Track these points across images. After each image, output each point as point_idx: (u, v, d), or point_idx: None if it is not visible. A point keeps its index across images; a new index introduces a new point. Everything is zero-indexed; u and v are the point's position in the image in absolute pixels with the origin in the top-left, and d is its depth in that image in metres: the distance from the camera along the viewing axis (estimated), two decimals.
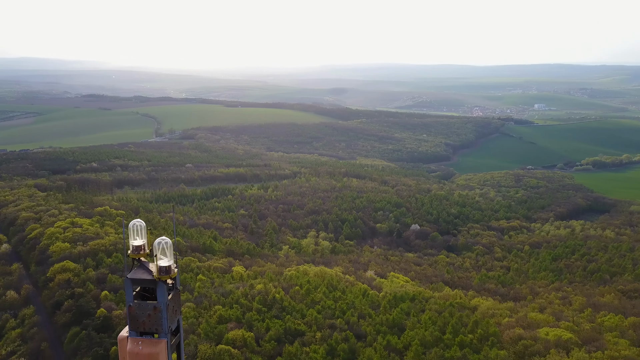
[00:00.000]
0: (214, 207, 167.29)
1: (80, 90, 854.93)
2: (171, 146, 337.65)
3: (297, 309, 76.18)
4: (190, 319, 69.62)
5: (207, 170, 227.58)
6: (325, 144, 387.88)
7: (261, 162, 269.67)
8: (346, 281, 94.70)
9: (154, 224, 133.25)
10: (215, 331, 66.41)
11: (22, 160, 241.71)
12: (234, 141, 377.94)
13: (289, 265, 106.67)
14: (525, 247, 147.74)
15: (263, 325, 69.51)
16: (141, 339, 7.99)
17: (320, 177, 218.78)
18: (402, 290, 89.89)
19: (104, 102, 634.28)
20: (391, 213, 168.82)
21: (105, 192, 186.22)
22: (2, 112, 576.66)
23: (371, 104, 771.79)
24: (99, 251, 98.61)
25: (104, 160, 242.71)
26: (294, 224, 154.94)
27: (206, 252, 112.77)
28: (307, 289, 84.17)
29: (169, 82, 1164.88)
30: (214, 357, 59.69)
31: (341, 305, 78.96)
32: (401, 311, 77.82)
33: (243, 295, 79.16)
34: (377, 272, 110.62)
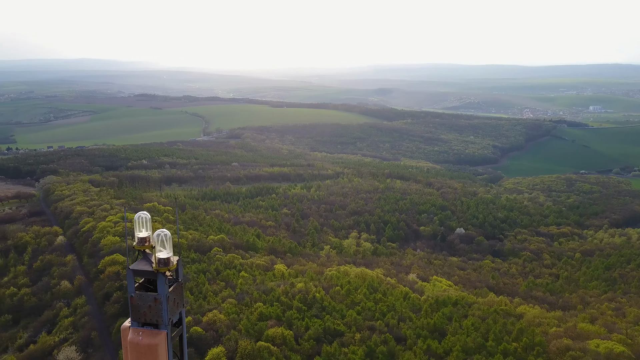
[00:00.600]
0: (258, 206, 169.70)
1: (133, 90, 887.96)
2: (218, 145, 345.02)
3: (337, 309, 76.14)
4: (232, 315, 70.84)
5: (252, 169, 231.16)
6: (369, 144, 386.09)
7: (304, 162, 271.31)
8: (387, 283, 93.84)
9: (199, 221, 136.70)
10: (256, 328, 67.29)
11: (78, 156, 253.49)
12: (279, 141, 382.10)
13: (330, 265, 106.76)
14: (577, 254, 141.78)
15: (303, 324, 69.86)
16: (142, 329, 8.12)
17: (363, 178, 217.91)
18: (444, 295, 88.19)
19: (155, 102, 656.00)
20: (435, 216, 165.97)
21: (154, 188, 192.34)
22: (61, 111, 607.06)
23: (417, 105, 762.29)
24: None
25: (153, 158, 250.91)
26: (335, 224, 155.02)
27: (249, 250, 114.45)
28: (348, 290, 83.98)
29: (217, 83, 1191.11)
30: (253, 353, 60.48)
31: (381, 307, 78.32)
32: (443, 316, 76.37)
33: (284, 294, 79.84)
34: (419, 275, 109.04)
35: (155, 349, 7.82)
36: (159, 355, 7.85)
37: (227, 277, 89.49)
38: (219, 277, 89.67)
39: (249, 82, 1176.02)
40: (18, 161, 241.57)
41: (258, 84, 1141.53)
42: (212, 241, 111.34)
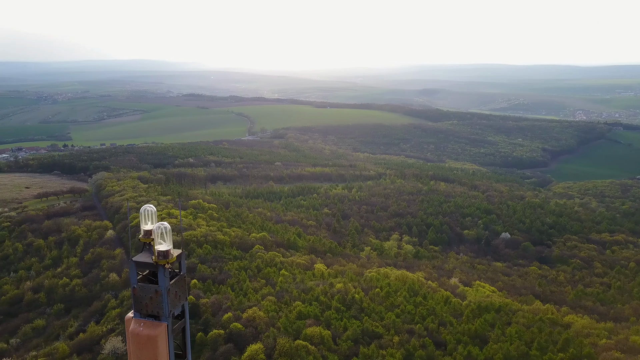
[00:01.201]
0: (300, 205, 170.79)
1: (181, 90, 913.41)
2: (262, 145, 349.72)
3: (376, 311, 75.57)
4: (271, 313, 71.57)
5: (294, 168, 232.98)
6: (413, 145, 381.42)
7: (347, 162, 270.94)
8: (428, 287, 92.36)
9: (242, 219, 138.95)
10: (294, 326, 67.71)
11: (128, 154, 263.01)
12: (322, 141, 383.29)
13: (370, 267, 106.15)
14: (631, 264, 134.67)
15: (341, 324, 69.76)
16: (144, 320, 8.22)
17: (406, 180, 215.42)
18: (487, 301, 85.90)
19: (202, 101, 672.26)
20: (480, 220, 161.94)
21: (200, 186, 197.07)
22: (114, 110, 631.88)
23: (463, 106, 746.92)
24: (191, 242, 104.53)
25: (200, 156, 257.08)
26: (377, 226, 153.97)
27: (290, 248, 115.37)
28: (387, 292, 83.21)
29: (263, 83, 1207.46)
30: (291, 351, 60.87)
31: (421, 311, 77.14)
32: (485, 322, 74.40)
33: (323, 293, 79.97)
34: (461, 280, 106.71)
35: (155, 340, 7.90)
36: (158, 346, 7.92)
37: (267, 275, 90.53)
38: (260, 275, 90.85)
39: (293, 83, 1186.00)
40: (73, 157, 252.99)
41: (302, 84, 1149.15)
42: (254, 239, 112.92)
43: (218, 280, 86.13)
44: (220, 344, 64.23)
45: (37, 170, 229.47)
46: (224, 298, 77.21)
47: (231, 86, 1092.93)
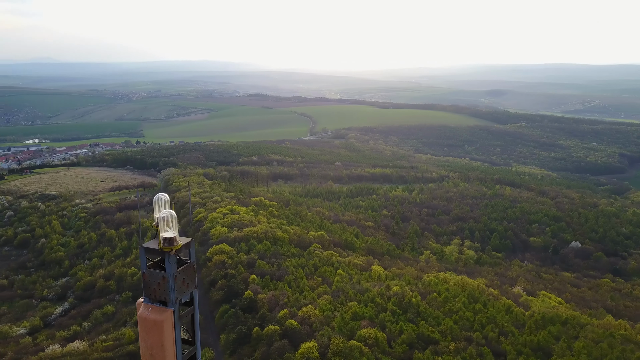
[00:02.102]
0: (358, 206, 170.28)
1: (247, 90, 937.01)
2: (323, 144, 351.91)
3: (433, 316, 73.96)
4: (326, 312, 71.88)
5: (354, 169, 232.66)
6: (478, 148, 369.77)
7: (408, 163, 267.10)
8: (489, 294, 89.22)
9: (301, 217, 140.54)
10: (349, 326, 67.62)
11: (195, 151, 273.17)
12: (383, 142, 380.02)
13: (428, 271, 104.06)
14: None
15: (396, 327, 68.88)
16: (152, 305, 8.36)
17: (469, 183, 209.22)
18: (552, 312, 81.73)
19: (266, 101, 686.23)
20: (548, 227, 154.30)
21: (262, 184, 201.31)
22: (183, 108, 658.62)
23: (533, 108, 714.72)
24: (251, 238, 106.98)
25: (263, 155, 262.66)
26: (437, 230, 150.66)
27: (347, 248, 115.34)
28: (446, 297, 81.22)
29: (326, 84, 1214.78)
30: (345, 351, 60.82)
31: (480, 318, 74.65)
32: (549, 334, 70.83)
33: (379, 295, 79.31)
34: (525, 288, 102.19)
35: (161, 325, 8.08)
36: (164, 331, 8.10)
37: (324, 274, 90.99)
38: (317, 273, 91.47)
39: (356, 83, 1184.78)
40: (144, 154, 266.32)
41: (365, 84, 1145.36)
42: (312, 237, 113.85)
43: (276, 277, 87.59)
44: (276, 340, 65.30)
45: (112, 164, 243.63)
46: (281, 294, 78.43)
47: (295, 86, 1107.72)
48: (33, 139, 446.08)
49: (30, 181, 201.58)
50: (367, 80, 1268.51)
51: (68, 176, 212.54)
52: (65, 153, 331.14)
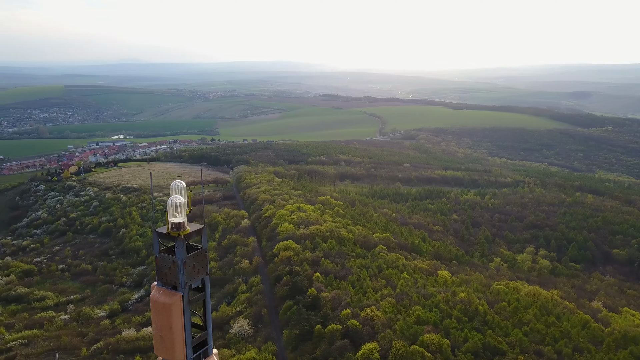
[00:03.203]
0: (427, 209, 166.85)
1: (318, 90, 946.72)
2: (392, 145, 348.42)
3: (501, 326, 70.96)
4: (389, 314, 71.08)
5: (424, 171, 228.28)
6: (558, 152, 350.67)
7: (481, 167, 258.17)
8: (564, 307, 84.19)
9: (367, 218, 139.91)
10: (411, 331, 66.45)
11: (267, 149, 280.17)
12: (455, 144, 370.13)
13: (498, 279, 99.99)
14: None
15: (461, 335, 66.79)
16: (163, 289, 8.53)
17: (547, 189, 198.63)
18: (636, 331, 75.73)
19: (337, 102, 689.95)
20: (634, 239, 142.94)
21: (329, 183, 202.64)
22: (257, 108, 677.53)
23: (621, 111, 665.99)
24: (317, 236, 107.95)
25: (331, 155, 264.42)
26: (510, 237, 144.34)
27: (413, 252, 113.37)
28: (515, 307, 77.65)
29: (397, 84, 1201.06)
30: (406, 356, 59.83)
31: (553, 332, 70.65)
32: (631, 355, 65.68)
33: (444, 301, 77.28)
34: (605, 304, 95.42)
35: (170, 309, 8.25)
36: (172, 314, 8.27)
37: (388, 276, 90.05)
38: (381, 275, 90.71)
39: (428, 84, 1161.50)
40: (219, 151, 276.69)
41: (438, 85, 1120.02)
42: (377, 239, 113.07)
43: (340, 276, 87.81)
44: (337, 339, 65.47)
45: (188, 160, 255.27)
46: (344, 294, 78.53)
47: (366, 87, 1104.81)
48: (118, 134, 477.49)
49: (115, 174, 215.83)
50: (440, 81, 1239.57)
51: (148, 170, 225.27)
52: (147, 148, 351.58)
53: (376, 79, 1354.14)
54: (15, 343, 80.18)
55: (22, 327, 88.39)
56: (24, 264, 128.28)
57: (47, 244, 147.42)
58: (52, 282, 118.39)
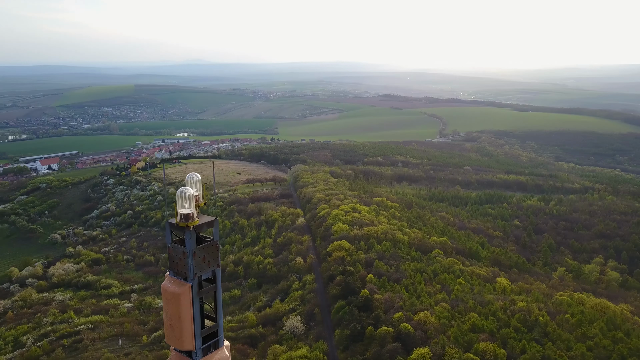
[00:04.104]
0: (487, 213, 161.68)
1: (377, 91, 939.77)
2: (452, 147, 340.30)
3: (563, 339, 67.56)
4: (443, 320, 69.50)
5: (485, 174, 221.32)
6: (633, 158, 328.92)
7: (546, 171, 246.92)
8: (634, 323, 78.90)
9: (424, 221, 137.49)
10: (466, 338, 64.61)
11: (324, 149, 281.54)
12: (519, 147, 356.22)
13: (561, 290, 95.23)
14: None
15: (519, 345, 64.18)
16: (174, 278, 8.60)
17: (618, 197, 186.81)
18: None
19: (396, 102, 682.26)
20: None
21: (385, 184, 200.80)
22: (315, 108, 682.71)
23: None
24: (371, 237, 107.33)
25: (388, 156, 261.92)
26: (575, 245, 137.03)
27: (471, 257, 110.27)
28: (579, 320, 73.66)
29: (459, 84, 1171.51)
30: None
31: (621, 349, 66.35)
32: None
33: (502, 309, 74.56)
34: None
35: (179, 298, 8.34)
36: (181, 303, 8.36)
37: (443, 281, 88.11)
38: (436, 280, 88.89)
39: (492, 84, 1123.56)
40: (277, 150, 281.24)
41: (502, 86, 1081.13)
42: (433, 242, 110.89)
43: (393, 279, 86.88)
44: (388, 342, 64.81)
45: (248, 159, 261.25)
46: (397, 297, 77.58)
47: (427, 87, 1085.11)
48: (183, 132, 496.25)
49: (178, 170, 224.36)
50: (505, 82, 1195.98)
51: (209, 167, 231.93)
52: (209, 146, 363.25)
53: (438, 79, 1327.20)
54: (83, 327, 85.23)
55: (90, 312, 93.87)
56: (93, 253, 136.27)
57: (114, 234, 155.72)
58: (117, 271, 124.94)
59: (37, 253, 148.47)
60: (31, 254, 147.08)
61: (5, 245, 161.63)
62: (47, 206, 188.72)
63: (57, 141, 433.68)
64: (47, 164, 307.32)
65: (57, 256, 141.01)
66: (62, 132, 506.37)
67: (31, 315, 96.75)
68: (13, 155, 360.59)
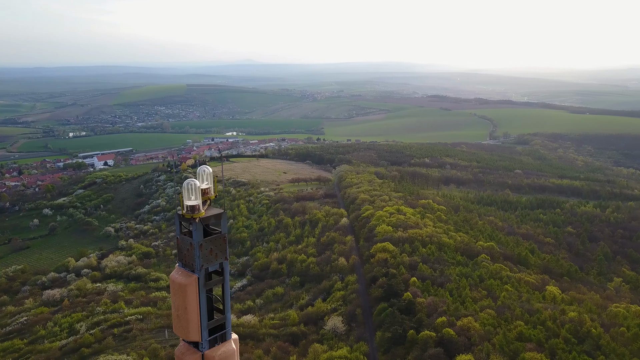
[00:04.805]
0: (537, 219, 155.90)
1: (426, 91, 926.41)
2: (503, 150, 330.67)
3: (617, 353, 64.19)
4: (488, 327, 67.62)
5: (537, 178, 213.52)
6: None
7: (603, 177, 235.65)
8: None
9: (471, 225, 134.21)
10: (512, 347, 62.58)
11: (369, 150, 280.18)
12: (574, 151, 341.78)
13: (617, 301, 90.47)
14: None
15: (568, 357, 61.53)
16: (182, 269, 8.60)
17: None
18: None
19: (445, 103, 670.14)
20: None
21: (432, 187, 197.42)
22: (362, 109, 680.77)
23: None
24: (416, 240, 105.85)
25: (435, 157, 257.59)
26: (634, 255, 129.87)
27: (519, 264, 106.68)
28: (636, 334, 69.77)
29: (511, 85, 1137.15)
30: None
31: None
32: None
33: (551, 319, 71.71)
34: None
35: (185, 289, 8.35)
36: (187, 294, 8.36)
37: (489, 287, 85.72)
38: (482, 285, 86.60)
39: (546, 85, 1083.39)
40: (323, 150, 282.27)
41: (557, 87, 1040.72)
42: (480, 247, 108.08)
43: (437, 283, 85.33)
44: (430, 346, 63.68)
45: (294, 158, 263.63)
46: (441, 301, 76.15)
47: (477, 88, 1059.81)
48: (232, 131, 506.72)
49: (226, 168, 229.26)
50: (560, 82, 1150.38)
51: (256, 166, 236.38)
52: (256, 145, 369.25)
53: (488, 79, 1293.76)
54: (132, 317, 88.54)
55: (139, 303, 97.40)
56: (143, 247, 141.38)
57: (164, 229, 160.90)
58: (166, 265, 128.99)
59: (92, 245, 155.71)
60: (87, 245, 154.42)
61: (64, 236, 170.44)
62: (102, 200, 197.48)
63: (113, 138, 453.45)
64: (104, 159, 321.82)
65: (110, 248, 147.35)
66: (117, 130, 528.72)
67: (85, 304, 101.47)
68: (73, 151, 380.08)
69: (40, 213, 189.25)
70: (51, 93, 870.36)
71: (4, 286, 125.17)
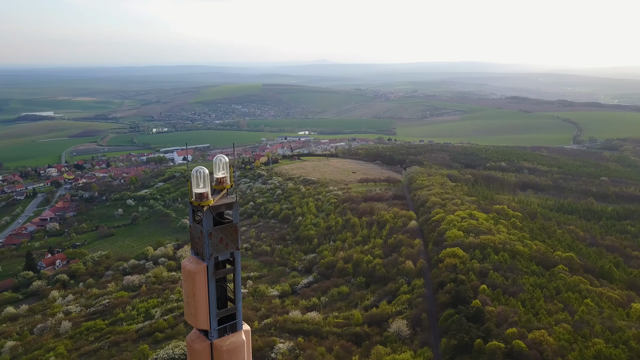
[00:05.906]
0: (624, 230, 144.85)
1: (504, 92, 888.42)
2: (587, 155, 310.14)
3: None
4: (562, 342, 63.77)
5: (625, 186, 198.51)
6: None
7: None
8: None
9: (548, 233, 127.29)
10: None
11: (442, 151, 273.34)
12: None
13: None
14: None
15: None
16: (193, 257, 8.55)
17: None
18: None
19: (525, 105, 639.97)
20: None
21: (508, 192, 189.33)
22: (436, 109, 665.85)
23: None
24: (487, 246, 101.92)
25: (512, 161, 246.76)
26: None
27: (601, 277, 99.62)
28: None
29: (600, 87, 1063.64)
30: None
31: None
32: None
33: (635, 338, 66.36)
34: None
35: (194, 276, 8.32)
36: (196, 282, 8.34)
37: (566, 300, 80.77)
38: (557, 298, 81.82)
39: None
40: (393, 150, 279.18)
41: None
42: (558, 257, 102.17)
43: (509, 292, 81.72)
44: (498, 358, 61.10)
45: (364, 158, 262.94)
46: (512, 312, 72.87)
47: (561, 89, 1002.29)
48: (304, 130, 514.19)
49: (297, 166, 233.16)
50: None
51: (326, 165, 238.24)
52: (327, 145, 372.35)
53: (574, 80, 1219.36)
54: None
55: None
56: None
57: None
58: None
59: (169, 235, 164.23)
60: (164, 235, 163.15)
61: (144, 225, 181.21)
62: (180, 193, 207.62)
63: (192, 134, 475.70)
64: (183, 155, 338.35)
65: (185, 240, 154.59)
66: (196, 127, 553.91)
67: (160, 291, 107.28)
68: (155, 145, 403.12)
69: (124, 203, 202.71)
70: (138, 91, 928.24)
71: (91, 269, 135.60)
